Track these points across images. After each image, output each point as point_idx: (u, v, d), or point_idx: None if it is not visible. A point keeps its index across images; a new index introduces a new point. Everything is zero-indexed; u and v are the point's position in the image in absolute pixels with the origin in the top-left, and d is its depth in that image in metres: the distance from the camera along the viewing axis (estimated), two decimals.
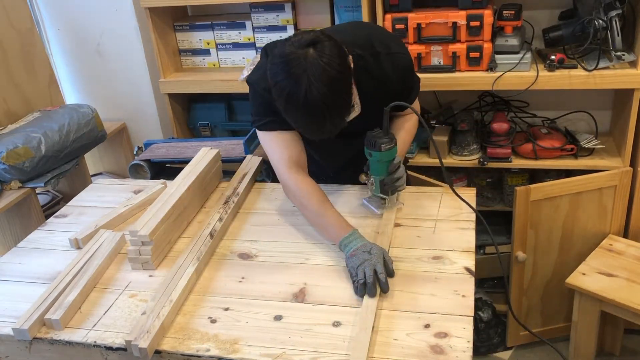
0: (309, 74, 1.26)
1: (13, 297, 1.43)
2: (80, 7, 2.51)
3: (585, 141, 2.14)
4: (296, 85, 1.27)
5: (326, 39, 1.32)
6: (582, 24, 1.95)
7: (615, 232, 2.13)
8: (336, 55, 1.30)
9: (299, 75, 1.27)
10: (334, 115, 1.32)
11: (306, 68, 1.27)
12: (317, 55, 1.28)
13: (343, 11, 2.27)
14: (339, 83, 1.31)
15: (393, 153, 1.51)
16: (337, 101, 1.32)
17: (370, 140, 1.48)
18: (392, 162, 1.51)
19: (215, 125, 2.55)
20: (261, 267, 1.47)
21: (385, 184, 1.54)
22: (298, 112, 1.31)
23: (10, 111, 2.33)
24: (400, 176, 1.54)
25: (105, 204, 1.82)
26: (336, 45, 1.32)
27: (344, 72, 1.32)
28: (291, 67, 1.28)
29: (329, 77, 1.27)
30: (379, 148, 1.47)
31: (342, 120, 1.36)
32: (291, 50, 1.30)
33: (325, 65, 1.27)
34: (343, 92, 1.33)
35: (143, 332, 1.22)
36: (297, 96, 1.28)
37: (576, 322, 2.03)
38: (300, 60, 1.28)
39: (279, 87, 1.31)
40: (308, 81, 1.26)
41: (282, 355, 1.18)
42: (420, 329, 1.22)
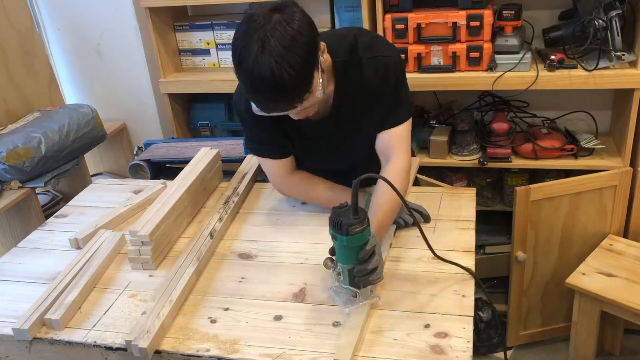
0: (266, 30, 1.18)
1: (13, 297, 1.43)
2: (80, 7, 2.51)
3: (585, 141, 2.14)
4: (250, 42, 1.18)
5: (295, 6, 1.24)
6: (582, 24, 1.95)
7: (615, 232, 2.13)
8: (299, 20, 1.21)
9: (255, 30, 1.19)
10: (288, 83, 1.19)
11: (264, 25, 1.19)
12: (280, 17, 1.20)
13: (343, 11, 2.27)
14: (297, 45, 1.19)
15: (364, 236, 1.19)
16: (292, 64, 1.18)
17: (334, 220, 1.17)
18: (364, 248, 1.20)
19: (215, 125, 2.55)
20: (261, 267, 1.47)
21: (355, 275, 1.22)
22: (248, 73, 1.20)
23: (10, 111, 2.33)
24: (375, 266, 1.22)
25: (105, 204, 1.82)
26: (302, 13, 1.24)
27: (304, 36, 1.20)
28: (250, 26, 1.20)
29: (287, 36, 1.18)
30: (345, 231, 1.16)
31: (297, 92, 1.23)
32: (255, 12, 1.22)
33: (285, 25, 1.19)
34: (301, 57, 1.19)
35: (143, 332, 1.22)
36: (248, 53, 1.18)
37: (576, 322, 2.03)
38: (260, 19, 1.20)
39: (235, 47, 1.22)
40: (263, 37, 1.17)
41: (282, 355, 1.18)
42: (420, 329, 1.22)
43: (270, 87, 1.20)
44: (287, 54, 1.18)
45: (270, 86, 1.20)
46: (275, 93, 1.22)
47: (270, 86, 1.20)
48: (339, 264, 1.24)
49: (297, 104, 1.26)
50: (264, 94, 1.24)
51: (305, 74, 1.22)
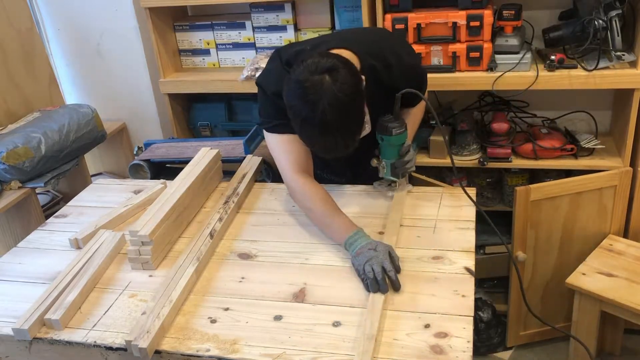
0: (324, 102, 1.31)
1: (13, 297, 1.43)
2: (80, 7, 2.51)
3: (585, 141, 2.14)
4: (312, 112, 1.33)
5: (342, 65, 1.36)
6: (582, 24, 1.95)
7: (615, 232, 2.13)
8: (350, 83, 1.34)
9: (314, 102, 1.32)
10: (347, 138, 1.38)
11: (322, 96, 1.31)
12: (332, 83, 1.32)
13: (343, 11, 2.27)
14: (352, 109, 1.37)
15: (403, 137, 1.58)
16: (350, 126, 1.38)
17: (381, 125, 1.55)
18: (403, 146, 1.59)
19: (215, 125, 2.55)
20: (261, 267, 1.47)
21: (397, 166, 1.61)
22: (313, 135, 1.38)
23: (10, 111, 2.33)
24: (410, 159, 1.62)
25: (105, 204, 1.82)
26: (351, 72, 1.37)
27: (356, 98, 1.37)
28: (307, 93, 1.33)
29: (342, 105, 1.33)
30: (390, 132, 1.55)
31: (355, 140, 1.41)
32: (307, 76, 1.34)
33: (339, 93, 1.32)
34: (355, 117, 1.39)
35: (143, 332, 1.22)
36: (312, 121, 1.34)
37: (576, 322, 2.03)
38: (316, 87, 1.32)
39: (295, 110, 1.37)
40: (323, 108, 1.31)
41: (282, 355, 1.18)
42: (420, 329, 1.22)
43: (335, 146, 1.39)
44: (344, 120, 1.35)
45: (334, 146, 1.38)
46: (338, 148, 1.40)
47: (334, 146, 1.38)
48: (383, 160, 1.62)
49: (355, 144, 1.43)
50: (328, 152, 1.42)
51: (360, 128, 1.42)
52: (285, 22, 2.33)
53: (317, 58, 1.37)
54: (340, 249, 1.49)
